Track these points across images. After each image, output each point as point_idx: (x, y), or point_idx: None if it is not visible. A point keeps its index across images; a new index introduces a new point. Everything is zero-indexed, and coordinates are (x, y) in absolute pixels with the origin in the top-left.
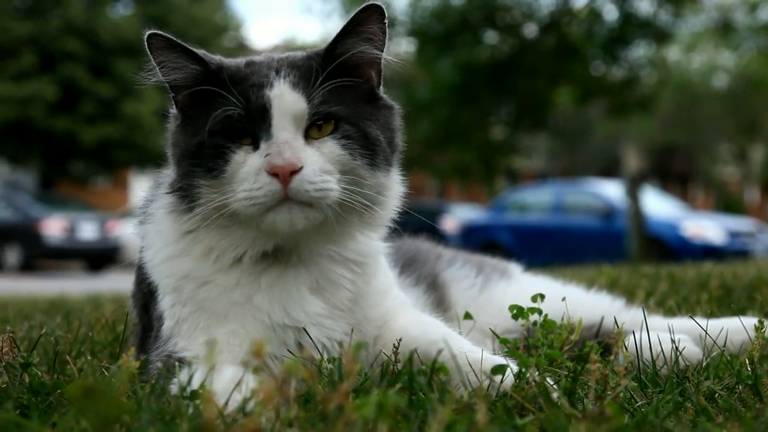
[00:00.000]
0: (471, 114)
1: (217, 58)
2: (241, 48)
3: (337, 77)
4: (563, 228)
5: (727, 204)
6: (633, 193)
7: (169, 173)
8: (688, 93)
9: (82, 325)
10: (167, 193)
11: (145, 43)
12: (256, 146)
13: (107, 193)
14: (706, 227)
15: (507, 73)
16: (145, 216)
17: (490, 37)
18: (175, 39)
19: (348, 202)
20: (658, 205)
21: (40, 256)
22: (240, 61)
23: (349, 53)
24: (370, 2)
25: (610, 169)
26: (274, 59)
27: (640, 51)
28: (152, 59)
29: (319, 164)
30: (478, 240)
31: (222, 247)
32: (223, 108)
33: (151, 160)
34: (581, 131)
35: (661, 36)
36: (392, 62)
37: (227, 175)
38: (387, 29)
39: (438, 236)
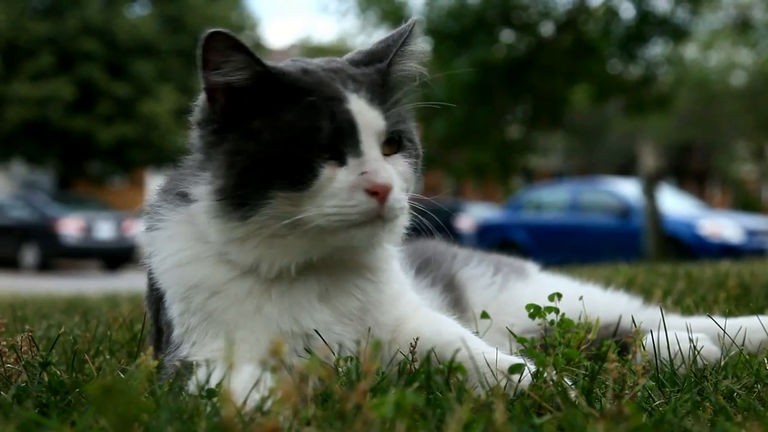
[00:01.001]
0: (487, 113)
1: (271, 62)
2: (257, 48)
3: (394, 93)
4: (579, 227)
5: (745, 202)
6: (650, 191)
7: (190, 182)
8: (706, 91)
9: (100, 324)
10: (217, 199)
11: (203, 43)
12: (341, 162)
13: (124, 193)
14: (724, 226)
15: (523, 72)
16: (153, 222)
17: (507, 35)
18: (238, 39)
19: (413, 217)
20: (675, 204)
21: (58, 256)
22: (295, 66)
23: (403, 72)
24: (416, 18)
25: (626, 168)
26: (328, 70)
27: (657, 49)
28: (212, 59)
29: (400, 182)
30: (494, 239)
31: (272, 256)
32: (307, 121)
33: (167, 159)
34: (598, 130)
35: (678, 34)
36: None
37: (314, 188)
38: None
39: (454, 235)
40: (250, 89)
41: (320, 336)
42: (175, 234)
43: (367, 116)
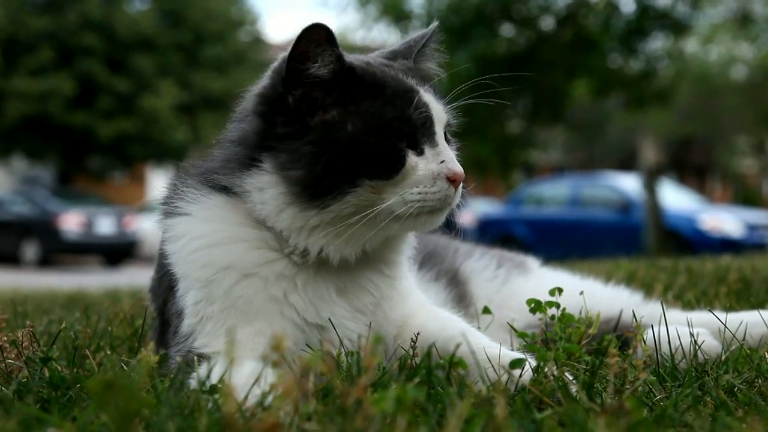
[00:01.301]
0: (487, 107)
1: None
2: (257, 42)
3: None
4: (580, 221)
5: (746, 196)
6: (650, 186)
7: (234, 176)
8: (706, 85)
9: (100, 320)
10: (292, 189)
11: (304, 33)
12: (419, 151)
13: (124, 188)
14: (724, 220)
15: (524, 66)
16: (173, 208)
17: (507, 30)
18: (334, 34)
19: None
20: (676, 198)
21: (58, 251)
22: (355, 60)
23: (424, 71)
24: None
25: (627, 162)
26: (379, 63)
27: (657, 43)
28: (308, 50)
29: None
30: (495, 234)
31: (338, 245)
32: (394, 111)
33: (168, 154)
34: (598, 124)
35: (679, 28)
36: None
37: (399, 176)
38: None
39: (458, 230)
40: (330, 82)
41: (335, 329)
42: (208, 217)
43: (437, 108)
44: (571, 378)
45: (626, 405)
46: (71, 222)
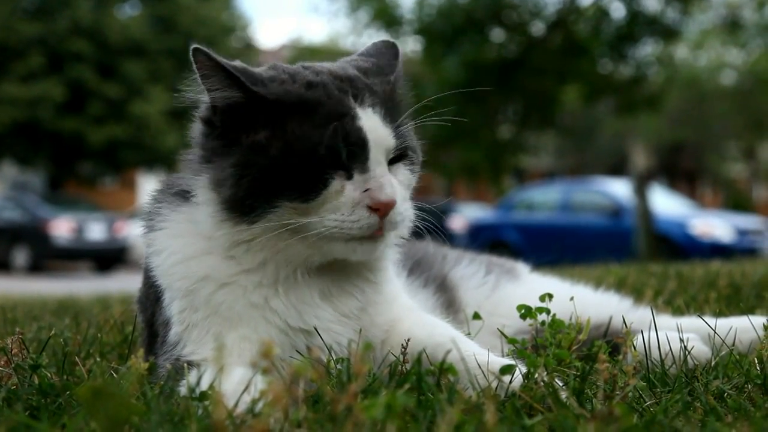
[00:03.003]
0: (478, 113)
1: (267, 76)
2: (249, 48)
3: (397, 101)
4: (571, 227)
5: (736, 202)
6: (641, 191)
7: (191, 181)
8: (696, 91)
9: (90, 327)
10: (223, 207)
11: (193, 57)
12: (349, 176)
13: (115, 194)
14: (715, 225)
15: (514, 72)
16: (153, 223)
17: (497, 35)
18: (219, 60)
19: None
20: (666, 203)
21: (49, 257)
22: (296, 83)
23: (399, 78)
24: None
25: (617, 168)
26: (342, 79)
27: (647, 49)
28: (214, 74)
29: (403, 194)
30: (486, 239)
31: (277, 260)
32: (320, 137)
33: (158, 160)
34: (588, 129)
35: (668, 33)
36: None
37: (319, 201)
38: None
39: (447, 236)
40: (247, 104)
41: (319, 335)
42: (180, 232)
43: (379, 134)
44: (561, 384)
45: (616, 411)
46: (62, 228)
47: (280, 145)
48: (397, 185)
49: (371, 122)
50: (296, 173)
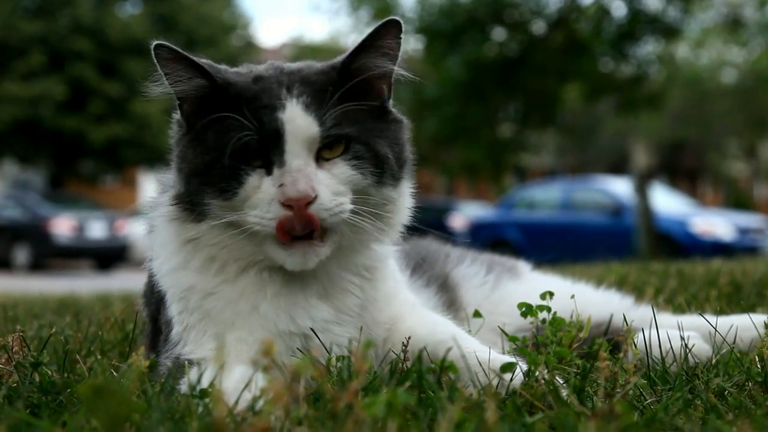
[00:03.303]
0: (479, 111)
1: (224, 69)
2: (249, 46)
3: (351, 93)
4: (572, 225)
5: (737, 200)
6: (642, 189)
7: (171, 179)
8: (697, 89)
9: (91, 324)
10: (172, 204)
11: (152, 54)
12: (269, 170)
13: (116, 192)
14: (716, 224)
15: (515, 70)
16: (150, 226)
17: (498, 34)
18: (181, 51)
19: (363, 220)
20: (667, 202)
21: (50, 255)
22: (248, 74)
23: (366, 69)
24: (391, 17)
25: (618, 166)
26: (285, 73)
27: (648, 47)
28: (159, 69)
29: (332, 188)
30: (487, 237)
31: (224, 257)
32: (236, 131)
33: (159, 158)
34: (590, 128)
35: (669, 32)
36: (406, 77)
37: (240, 197)
38: (401, 44)
39: (446, 234)
40: (199, 98)
41: (316, 335)
42: (164, 239)
43: (297, 123)
44: (561, 382)
45: (617, 409)
46: (63, 226)
47: (209, 138)
48: (322, 179)
49: (292, 113)
50: (215, 168)
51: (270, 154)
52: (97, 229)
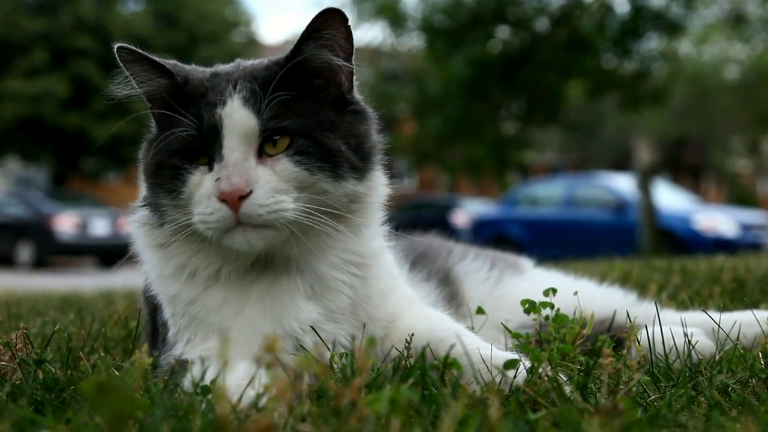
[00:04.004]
0: (482, 109)
1: (188, 69)
2: (252, 43)
3: (297, 86)
4: (575, 222)
5: (740, 196)
6: (645, 186)
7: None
8: (700, 85)
9: (95, 322)
10: (140, 207)
11: (116, 57)
12: (211, 167)
13: (119, 189)
14: (719, 220)
15: (518, 68)
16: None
17: (502, 31)
18: (141, 51)
19: (309, 219)
20: (670, 198)
21: (53, 253)
22: (207, 72)
23: (310, 62)
24: (328, 7)
25: (621, 163)
26: (237, 70)
27: (651, 44)
28: (124, 72)
29: (272, 184)
30: (490, 234)
31: (194, 264)
32: (178, 128)
33: None
34: (592, 125)
35: (672, 28)
36: (347, 67)
37: (185, 196)
38: (350, 33)
39: (449, 231)
40: (160, 99)
41: (317, 333)
42: (140, 245)
43: (235, 117)
44: (565, 378)
45: (620, 405)
46: (66, 223)
47: (161, 139)
48: (262, 175)
49: (231, 107)
50: (160, 169)
51: (210, 150)
52: (100, 227)
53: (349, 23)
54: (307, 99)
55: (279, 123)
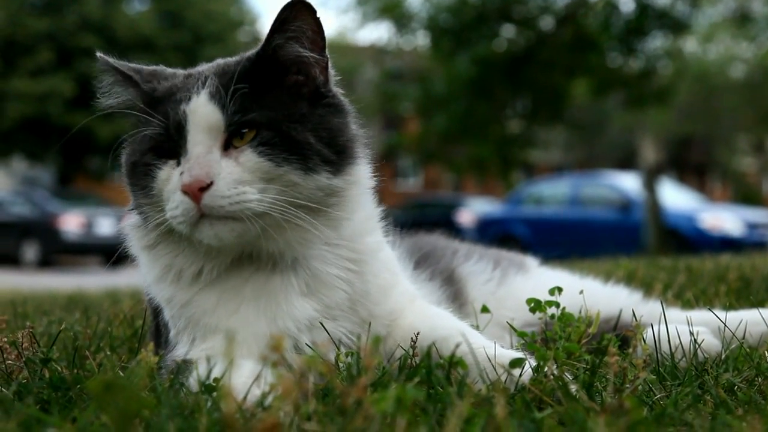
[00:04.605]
0: (487, 108)
1: (168, 73)
2: (257, 42)
3: (269, 80)
4: (580, 221)
5: (745, 195)
6: (650, 185)
7: None
8: (706, 84)
9: (100, 321)
10: (130, 211)
11: (97, 67)
12: (179, 162)
13: (124, 189)
14: (724, 219)
15: (523, 67)
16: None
17: (506, 30)
18: (113, 62)
19: (280, 211)
20: (676, 197)
21: (58, 252)
22: (182, 74)
23: (280, 56)
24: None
25: (626, 161)
26: (211, 67)
27: (657, 42)
28: (105, 82)
29: (234, 176)
30: (495, 233)
31: (178, 264)
32: (148, 128)
33: None
34: (598, 123)
35: (678, 27)
36: (318, 59)
37: (156, 192)
38: (320, 25)
39: (454, 230)
40: (139, 106)
41: (324, 328)
42: (133, 248)
43: (199, 112)
44: (570, 377)
45: (626, 404)
46: (71, 223)
47: (136, 141)
48: (225, 167)
49: (196, 103)
50: (132, 168)
51: (177, 146)
52: (105, 226)
53: (318, 15)
54: (279, 92)
55: (244, 116)
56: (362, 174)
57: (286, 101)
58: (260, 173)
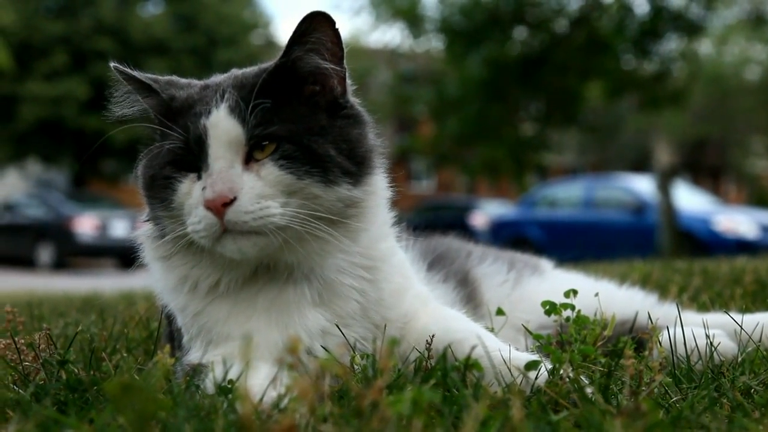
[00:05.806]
0: (500, 110)
1: (182, 83)
2: (270, 46)
3: (288, 92)
4: (594, 223)
5: (760, 198)
6: (664, 187)
7: None
8: (720, 86)
9: (116, 323)
10: (145, 221)
11: (114, 76)
12: (200, 176)
13: (138, 191)
14: (739, 221)
15: (537, 69)
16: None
17: (520, 32)
18: (130, 72)
19: (302, 224)
20: (690, 200)
21: (73, 254)
22: (198, 85)
23: (299, 68)
24: (314, 11)
25: (640, 164)
26: (228, 79)
27: (671, 44)
28: (120, 91)
29: (257, 190)
30: (508, 236)
31: (195, 275)
32: (167, 141)
33: None
34: (612, 126)
35: (692, 29)
36: (341, 72)
37: (176, 205)
38: (339, 36)
39: (468, 232)
40: (156, 116)
41: (341, 331)
42: (147, 257)
43: (220, 127)
44: (586, 380)
45: (642, 407)
46: (86, 225)
47: (154, 153)
48: (247, 181)
49: (216, 117)
50: (156, 179)
51: (198, 160)
52: (119, 228)
53: (337, 26)
54: (298, 104)
55: (265, 130)
56: (380, 184)
57: (305, 113)
58: (282, 186)
